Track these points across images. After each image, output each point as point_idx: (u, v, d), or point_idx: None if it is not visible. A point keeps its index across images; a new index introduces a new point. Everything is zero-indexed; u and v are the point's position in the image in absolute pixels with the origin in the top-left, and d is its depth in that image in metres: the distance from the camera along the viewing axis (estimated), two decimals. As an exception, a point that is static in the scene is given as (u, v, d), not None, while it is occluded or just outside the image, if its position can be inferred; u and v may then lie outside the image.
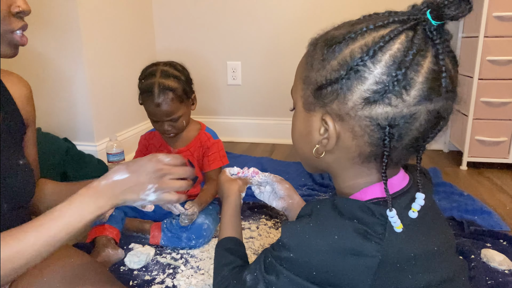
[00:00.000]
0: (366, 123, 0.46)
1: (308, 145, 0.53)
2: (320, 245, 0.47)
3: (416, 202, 0.48)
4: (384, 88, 0.44)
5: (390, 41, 0.44)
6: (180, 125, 1.19)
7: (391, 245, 0.45)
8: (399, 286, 0.47)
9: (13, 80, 0.80)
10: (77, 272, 0.77)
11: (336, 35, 0.48)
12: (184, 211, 1.12)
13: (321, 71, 0.48)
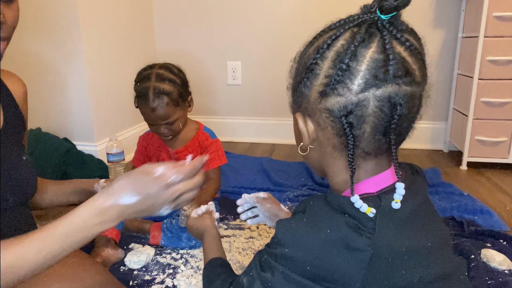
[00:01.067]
0: (326, 115, 0.49)
1: (299, 146, 0.57)
2: (313, 239, 0.48)
3: (397, 192, 0.48)
4: (332, 80, 0.47)
5: (336, 39, 0.48)
6: (176, 128, 1.19)
7: (382, 239, 0.46)
8: (392, 281, 0.47)
9: (12, 79, 0.81)
10: (77, 272, 0.77)
11: (306, 42, 0.55)
12: (183, 212, 1.12)
13: (296, 75, 0.53)
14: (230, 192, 1.56)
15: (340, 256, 0.47)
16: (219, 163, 1.28)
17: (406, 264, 0.48)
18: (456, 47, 2.01)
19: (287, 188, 1.59)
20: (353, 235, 0.46)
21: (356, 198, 0.47)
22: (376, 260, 0.46)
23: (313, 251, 0.48)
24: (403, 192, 0.48)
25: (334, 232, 0.47)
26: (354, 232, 0.46)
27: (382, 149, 0.51)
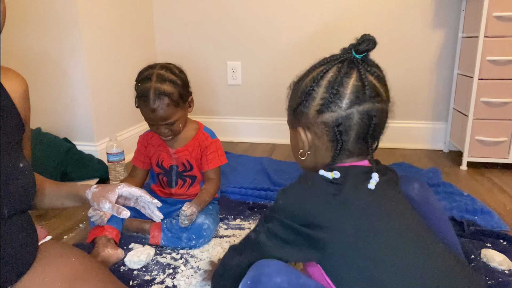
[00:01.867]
0: (322, 126, 0.68)
1: (298, 154, 0.74)
2: (299, 190, 0.66)
3: (373, 178, 0.64)
4: (326, 101, 0.66)
5: (326, 71, 0.68)
6: (176, 128, 1.19)
7: (349, 189, 0.62)
8: (360, 223, 0.60)
9: (10, 77, 0.76)
10: (78, 272, 0.77)
11: (300, 75, 0.74)
12: (183, 212, 1.12)
13: (294, 99, 0.73)
14: (230, 192, 1.56)
15: (319, 201, 0.63)
16: (219, 163, 1.28)
17: (372, 211, 0.62)
18: (456, 47, 2.01)
19: (287, 188, 1.59)
20: (327, 186, 0.64)
21: (322, 171, 0.66)
22: (346, 204, 0.61)
23: (298, 199, 0.64)
24: (377, 179, 0.64)
25: (314, 184, 0.65)
26: (329, 184, 0.64)
27: (362, 149, 0.69)
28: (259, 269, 0.62)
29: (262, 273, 0.61)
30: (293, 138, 0.76)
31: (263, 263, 0.63)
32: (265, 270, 0.61)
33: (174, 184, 1.30)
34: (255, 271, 0.62)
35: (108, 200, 0.82)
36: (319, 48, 2.15)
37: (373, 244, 0.60)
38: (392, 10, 2.06)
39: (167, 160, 1.28)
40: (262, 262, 0.63)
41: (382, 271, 0.58)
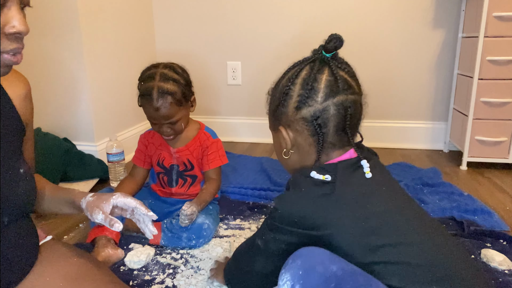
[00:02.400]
0: (302, 122, 0.71)
1: (282, 155, 0.77)
2: (295, 197, 0.69)
3: (364, 166, 0.69)
4: (303, 97, 0.70)
5: (300, 71, 0.72)
6: (178, 127, 1.19)
7: (342, 185, 0.66)
8: (360, 212, 0.64)
9: (11, 78, 0.75)
10: (79, 271, 0.77)
11: (276, 80, 0.78)
12: (183, 211, 1.12)
13: (273, 102, 0.77)
14: (230, 192, 1.56)
15: (315, 203, 0.65)
16: (220, 163, 1.28)
17: (369, 200, 0.66)
18: (456, 47, 2.01)
19: (287, 188, 1.59)
20: (320, 187, 0.67)
21: (313, 173, 0.69)
22: (342, 200, 0.65)
23: (295, 206, 0.67)
24: (368, 165, 0.69)
25: (307, 189, 0.68)
26: (321, 185, 0.67)
27: (343, 140, 0.72)
28: (309, 258, 0.61)
29: (316, 262, 0.60)
30: (276, 140, 0.80)
31: (311, 252, 0.62)
32: (317, 258, 0.61)
33: (174, 183, 1.30)
34: (304, 260, 0.61)
35: (101, 210, 0.79)
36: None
37: (376, 229, 0.63)
38: (392, 10, 2.06)
39: (168, 159, 1.28)
40: (310, 250, 0.63)
41: (392, 251, 0.62)
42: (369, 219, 0.63)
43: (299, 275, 0.60)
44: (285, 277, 0.62)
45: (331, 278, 0.58)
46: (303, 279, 0.59)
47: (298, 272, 0.60)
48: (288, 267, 0.62)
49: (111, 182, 1.66)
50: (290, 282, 0.60)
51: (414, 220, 0.67)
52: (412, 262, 0.60)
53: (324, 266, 0.59)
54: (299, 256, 0.62)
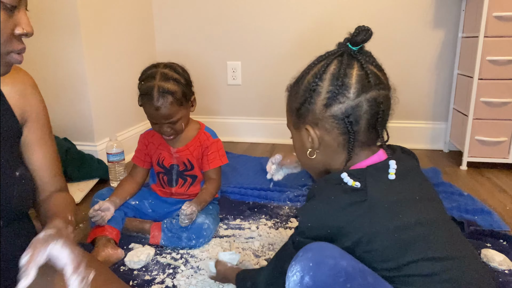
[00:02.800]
0: (332, 120, 0.67)
1: (305, 156, 0.73)
2: (324, 208, 0.65)
3: (391, 167, 0.66)
4: (333, 93, 0.66)
5: (328, 65, 0.68)
6: (179, 127, 1.19)
7: (374, 192, 0.62)
8: (393, 223, 0.61)
9: (8, 75, 0.73)
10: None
11: (297, 76, 0.74)
12: (183, 211, 1.12)
13: (295, 99, 0.72)
14: (230, 192, 1.56)
15: (346, 213, 0.62)
16: (220, 163, 1.28)
17: (401, 209, 0.63)
18: (456, 47, 2.01)
19: (287, 188, 1.59)
20: (350, 195, 0.63)
21: (344, 175, 0.65)
22: (375, 208, 0.62)
23: (326, 217, 0.64)
24: (395, 166, 0.66)
25: (336, 197, 0.64)
26: (350, 193, 0.63)
27: (373, 138, 0.70)
28: (320, 251, 0.61)
29: (326, 255, 0.60)
30: (297, 140, 0.75)
31: (322, 246, 0.62)
32: (327, 252, 0.60)
33: (174, 183, 1.30)
34: (315, 253, 0.60)
35: (32, 253, 0.63)
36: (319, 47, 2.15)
37: (407, 243, 0.61)
38: (392, 10, 2.06)
39: (168, 159, 1.28)
40: (321, 245, 0.62)
41: (416, 266, 0.60)
42: (401, 231, 0.61)
43: (309, 267, 0.59)
44: (294, 268, 0.60)
45: (341, 272, 0.58)
46: (313, 270, 0.58)
47: (308, 264, 0.59)
48: (298, 259, 0.61)
49: (111, 182, 1.66)
50: (299, 273, 0.59)
51: (444, 234, 0.64)
52: (435, 279, 0.60)
53: (335, 260, 0.59)
54: (310, 249, 0.61)
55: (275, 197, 1.51)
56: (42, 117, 0.80)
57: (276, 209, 1.42)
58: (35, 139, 0.78)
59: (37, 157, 0.79)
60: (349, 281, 0.57)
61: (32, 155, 0.79)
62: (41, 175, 0.80)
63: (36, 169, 0.79)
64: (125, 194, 1.25)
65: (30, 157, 0.78)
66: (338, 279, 0.57)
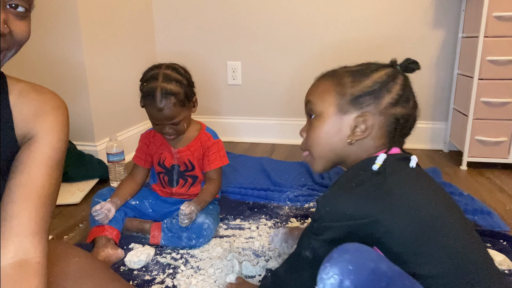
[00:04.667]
0: (391, 117, 0.74)
1: (335, 141, 0.76)
2: (343, 193, 0.69)
3: (412, 160, 0.72)
4: (401, 97, 0.74)
5: (397, 75, 0.76)
6: (181, 128, 1.19)
7: (394, 179, 0.67)
8: (413, 205, 0.65)
9: (27, 95, 0.66)
10: (82, 271, 0.77)
11: (358, 69, 0.78)
12: (181, 211, 1.12)
13: (355, 87, 0.75)
14: (230, 192, 1.56)
15: (367, 194, 0.66)
16: (221, 163, 1.28)
17: (420, 190, 0.67)
18: (456, 47, 2.01)
19: (287, 188, 1.59)
20: (370, 179, 0.68)
21: (382, 156, 0.71)
22: (395, 190, 0.65)
23: (344, 200, 0.67)
24: (416, 158, 0.73)
25: (359, 186, 0.68)
26: (373, 178, 0.68)
27: (401, 141, 0.78)
28: (359, 253, 0.59)
29: (366, 258, 0.58)
30: (332, 124, 0.76)
31: (358, 247, 0.60)
32: (367, 255, 0.59)
33: (175, 183, 1.30)
34: (354, 255, 0.58)
35: None
36: (319, 47, 2.15)
37: (423, 222, 0.64)
38: (392, 10, 2.06)
39: (169, 159, 1.28)
40: (356, 246, 0.60)
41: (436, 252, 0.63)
42: (421, 209, 0.65)
43: (349, 270, 0.56)
44: (331, 270, 0.57)
45: (383, 277, 0.56)
46: (354, 274, 0.56)
47: (347, 267, 0.56)
48: (334, 260, 0.58)
49: (111, 182, 1.66)
50: (338, 277, 0.56)
51: (459, 223, 0.68)
52: (452, 272, 0.61)
53: (375, 263, 0.57)
54: (346, 250, 0.59)
55: (275, 197, 1.51)
56: (48, 138, 0.66)
57: (276, 209, 1.42)
58: (35, 159, 0.64)
59: (27, 180, 0.62)
60: (390, 285, 0.56)
61: (25, 179, 0.62)
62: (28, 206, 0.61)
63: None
64: (125, 195, 1.25)
65: (23, 180, 0.62)
66: (379, 284, 0.56)
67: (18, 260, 0.58)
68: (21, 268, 0.57)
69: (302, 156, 0.83)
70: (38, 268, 0.59)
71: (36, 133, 0.65)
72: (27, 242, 0.59)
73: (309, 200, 1.49)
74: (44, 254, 0.61)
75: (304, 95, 0.81)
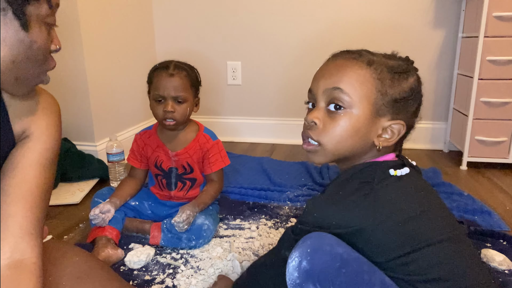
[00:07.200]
0: (409, 127, 0.71)
1: (358, 142, 0.69)
2: (331, 206, 0.68)
3: (404, 169, 0.68)
4: (419, 107, 0.72)
5: (420, 78, 0.72)
6: (182, 110, 1.17)
7: (381, 187, 0.64)
8: (396, 216, 0.62)
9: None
10: (82, 270, 0.76)
11: (396, 65, 0.69)
12: (176, 223, 1.11)
13: (395, 89, 0.67)
14: (230, 192, 1.56)
15: (354, 211, 0.64)
16: (222, 164, 1.26)
17: (406, 201, 0.64)
18: (456, 47, 2.01)
19: (287, 188, 1.59)
20: (360, 191, 0.65)
21: (392, 170, 0.67)
22: (379, 199, 0.63)
23: (334, 219, 0.65)
24: (407, 170, 0.69)
25: (345, 193, 0.66)
26: (361, 188, 0.65)
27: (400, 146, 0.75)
28: (317, 238, 0.63)
29: (323, 242, 0.62)
30: (362, 124, 0.68)
31: (320, 234, 0.64)
32: (325, 240, 0.63)
33: (173, 186, 1.29)
34: (313, 240, 0.63)
35: None
36: (319, 47, 2.15)
37: (411, 234, 0.62)
38: (392, 10, 2.06)
39: (166, 162, 1.26)
40: (319, 234, 0.64)
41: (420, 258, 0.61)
42: (406, 222, 0.62)
43: (307, 252, 0.62)
44: (294, 255, 0.64)
45: (337, 258, 0.61)
46: (311, 255, 0.61)
47: (306, 250, 0.62)
48: (298, 246, 0.64)
49: (111, 182, 1.66)
50: (298, 259, 0.62)
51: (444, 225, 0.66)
52: (438, 276, 0.60)
53: (331, 246, 0.62)
54: (309, 237, 0.64)
55: (275, 197, 1.51)
56: (47, 137, 0.67)
57: (276, 209, 1.42)
58: (30, 159, 0.63)
59: (22, 180, 0.61)
60: (344, 266, 0.60)
61: (19, 179, 0.61)
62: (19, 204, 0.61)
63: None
64: (125, 195, 1.25)
65: (18, 180, 0.61)
66: (334, 264, 0.60)
67: (14, 260, 0.57)
68: (18, 269, 0.57)
69: (304, 144, 0.73)
70: (34, 268, 0.59)
71: (31, 133, 0.65)
72: (23, 242, 0.58)
73: (309, 200, 1.49)
74: (40, 255, 0.61)
75: (304, 95, 0.74)
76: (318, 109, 0.69)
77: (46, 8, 0.57)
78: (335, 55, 0.72)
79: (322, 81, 0.69)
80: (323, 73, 0.70)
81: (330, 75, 0.68)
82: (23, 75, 0.57)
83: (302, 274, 0.62)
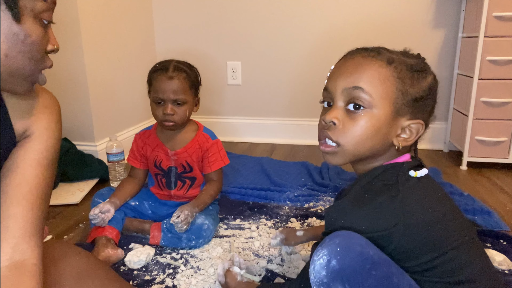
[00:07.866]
0: (427, 127, 0.71)
1: (378, 142, 0.67)
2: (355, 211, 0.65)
3: (423, 170, 0.68)
4: (434, 106, 0.72)
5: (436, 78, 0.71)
6: (181, 112, 1.17)
7: (405, 188, 0.63)
8: (423, 216, 0.62)
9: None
10: (82, 270, 0.76)
11: (414, 64, 0.69)
12: (175, 223, 1.11)
13: (415, 88, 0.66)
14: (230, 192, 1.56)
15: (382, 215, 0.62)
16: (222, 164, 1.26)
17: (430, 202, 0.63)
18: (456, 47, 2.01)
19: (287, 188, 1.59)
20: (386, 193, 0.63)
21: (412, 172, 0.66)
22: (407, 200, 0.61)
23: (362, 225, 0.62)
24: (426, 170, 0.69)
25: (372, 200, 0.64)
26: (386, 190, 0.63)
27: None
28: (347, 237, 0.60)
29: (354, 242, 0.59)
30: (383, 123, 0.66)
31: (349, 233, 0.61)
32: (355, 239, 0.60)
33: (173, 185, 1.29)
34: (343, 239, 0.60)
35: None
36: (319, 47, 2.15)
37: (437, 231, 0.62)
38: (392, 10, 2.06)
39: (166, 161, 1.26)
40: (348, 232, 0.62)
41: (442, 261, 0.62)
42: (433, 225, 0.62)
43: (336, 251, 0.59)
44: (321, 252, 0.60)
45: (368, 260, 0.58)
46: (341, 255, 0.58)
47: (336, 249, 0.59)
48: (326, 243, 0.60)
49: (111, 182, 1.66)
50: (326, 257, 0.59)
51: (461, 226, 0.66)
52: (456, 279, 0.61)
53: (362, 247, 0.59)
54: (337, 235, 0.61)
55: (275, 197, 1.51)
56: (47, 135, 0.67)
57: (276, 209, 1.42)
58: (30, 158, 0.63)
59: (22, 180, 0.61)
60: (374, 268, 0.58)
61: (19, 179, 0.61)
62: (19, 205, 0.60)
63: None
64: (125, 195, 1.25)
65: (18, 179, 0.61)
66: (364, 266, 0.58)
67: (15, 261, 0.57)
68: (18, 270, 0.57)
69: (321, 146, 0.70)
70: (34, 269, 0.59)
71: (32, 132, 0.65)
72: (23, 243, 0.58)
73: (309, 200, 1.49)
74: (40, 255, 0.61)
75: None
76: (337, 109, 0.67)
77: (41, 2, 0.57)
78: (352, 52, 0.69)
79: (341, 79, 0.66)
80: (341, 72, 0.67)
81: (349, 73, 0.66)
82: (17, 71, 0.57)
83: (330, 274, 0.59)
